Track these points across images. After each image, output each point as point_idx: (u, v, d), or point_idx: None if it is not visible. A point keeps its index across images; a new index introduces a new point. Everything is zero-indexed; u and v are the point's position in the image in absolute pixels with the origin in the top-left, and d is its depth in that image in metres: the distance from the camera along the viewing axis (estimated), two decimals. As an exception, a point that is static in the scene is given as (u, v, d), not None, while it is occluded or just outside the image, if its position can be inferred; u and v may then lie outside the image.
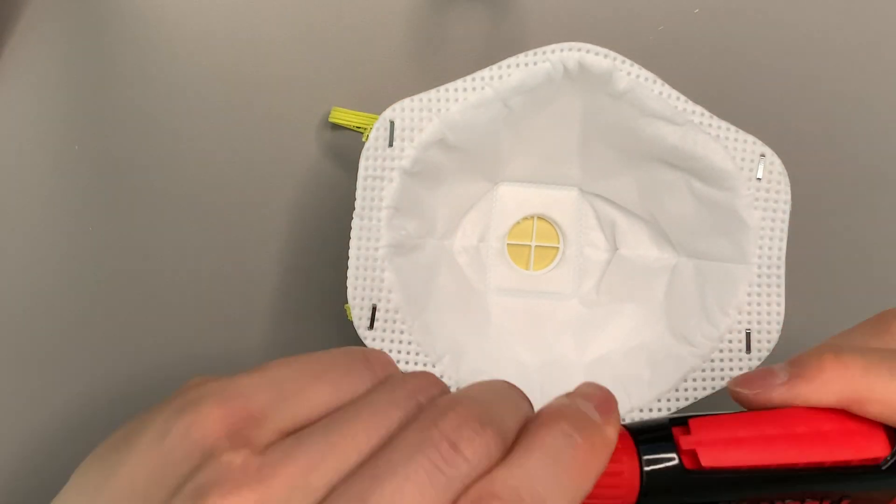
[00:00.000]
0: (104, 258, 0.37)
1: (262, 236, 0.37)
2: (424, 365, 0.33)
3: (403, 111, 0.31)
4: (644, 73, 0.32)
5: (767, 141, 0.38)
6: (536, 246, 0.38)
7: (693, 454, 0.22)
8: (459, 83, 0.32)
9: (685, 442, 0.22)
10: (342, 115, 0.34)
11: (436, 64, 0.36)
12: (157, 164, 0.36)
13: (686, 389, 0.34)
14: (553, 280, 0.38)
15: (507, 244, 0.37)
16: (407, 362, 0.32)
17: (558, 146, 0.35)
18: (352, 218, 0.32)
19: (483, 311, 0.37)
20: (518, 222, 0.37)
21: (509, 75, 0.31)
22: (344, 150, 0.36)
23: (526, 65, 0.31)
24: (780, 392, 0.23)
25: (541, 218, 0.37)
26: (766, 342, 0.33)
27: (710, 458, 0.22)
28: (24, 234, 0.36)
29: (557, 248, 0.38)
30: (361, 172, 0.31)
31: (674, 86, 0.37)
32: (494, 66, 0.31)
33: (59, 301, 0.37)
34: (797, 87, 0.38)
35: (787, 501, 0.22)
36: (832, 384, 0.22)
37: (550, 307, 0.38)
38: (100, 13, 0.33)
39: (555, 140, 0.35)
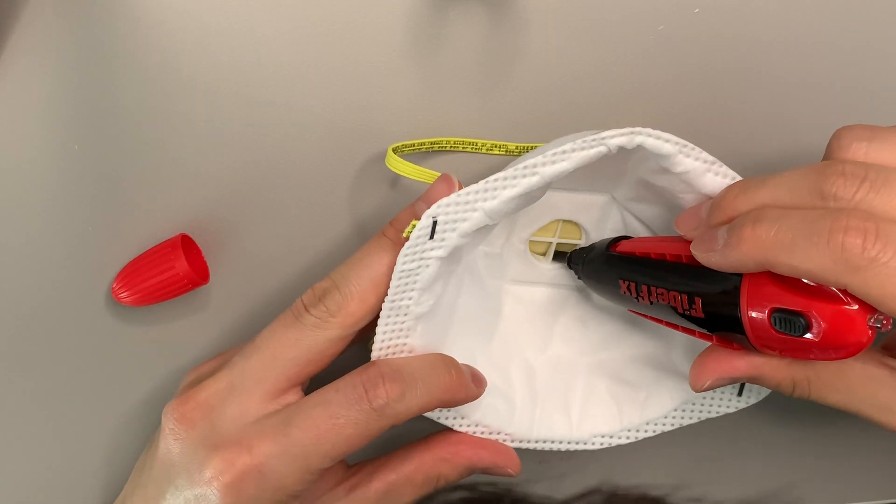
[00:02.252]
0: (104, 258, 0.37)
1: (265, 236, 0.37)
2: None
3: (448, 206, 0.30)
4: (705, 156, 0.30)
5: (767, 141, 0.38)
6: (558, 241, 0.38)
7: (616, 247, 0.34)
8: (510, 172, 0.30)
9: (619, 244, 0.34)
10: (399, 165, 0.33)
11: (436, 64, 0.35)
12: (158, 163, 0.35)
13: (675, 417, 0.37)
14: (571, 272, 0.38)
15: (529, 240, 0.38)
16: None
17: (596, 179, 0.35)
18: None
19: (495, 309, 0.38)
20: (544, 225, 0.37)
21: (563, 161, 0.30)
22: (343, 149, 0.36)
23: (582, 149, 0.29)
24: (715, 258, 0.28)
25: (566, 220, 0.37)
26: (756, 390, 0.36)
27: (623, 246, 0.34)
28: (24, 234, 0.36)
29: (578, 244, 0.38)
30: (399, 266, 0.31)
31: (673, 85, 0.37)
32: (548, 153, 0.29)
33: (58, 301, 0.37)
34: (798, 87, 0.38)
35: (660, 289, 0.31)
36: (749, 255, 0.26)
37: (561, 299, 0.39)
38: (100, 13, 0.33)
39: (594, 177, 0.35)
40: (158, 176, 0.36)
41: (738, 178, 0.31)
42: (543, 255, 0.38)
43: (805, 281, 0.26)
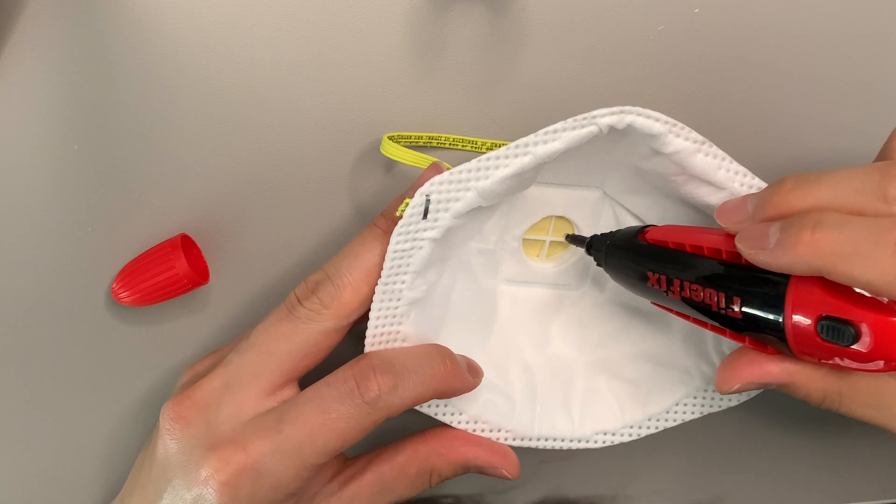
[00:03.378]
0: (104, 258, 0.37)
1: (264, 236, 0.37)
2: None
3: (441, 185, 0.30)
4: (694, 135, 0.31)
5: (767, 140, 0.38)
6: (551, 241, 0.38)
7: (645, 236, 0.33)
8: (502, 151, 0.30)
9: (648, 232, 0.33)
10: (394, 151, 0.33)
11: (436, 64, 0.35)
12: (157, 163, 0.35)
13: (676, 412, 0.36)
14: (564, 273, 0.38)
15: (523, 238, 0.38)
16: None
17: (588, 171, 0.35)
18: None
19: (491, 309, 0.38)
20: (537, 222, 0.37)
21: (554, 140, 0.30)
22: (343, 150, 0.36)
23: (573, 129, 0.30)
24: (764, 256, 0.26)
25: (559, 217, 0.37)
26: None
27: (652, 235, 0.32)
28: (24, 234, 0.36)
29: None
30: (392, 246, 0.31)
31: (673, 85, 0.37)
32: (540, 133, 0.30)
33: (58, 302, 0.37)
34: (799, 86, 0.38)
35: (695, 285, 0.29)
36: (805, 259, 0.25)
37: (557, 299, 0.39)
38: (100, 13, 0.33)
39: (586, 168, 0.35)
40: (158, 176, 0.36)
41: (728, 158, 0.31)
42: (537, 255, 0.38)
43: (857, 290, 0.25)
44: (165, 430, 0.32)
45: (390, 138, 0.34)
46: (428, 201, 0.30)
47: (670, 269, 0.31)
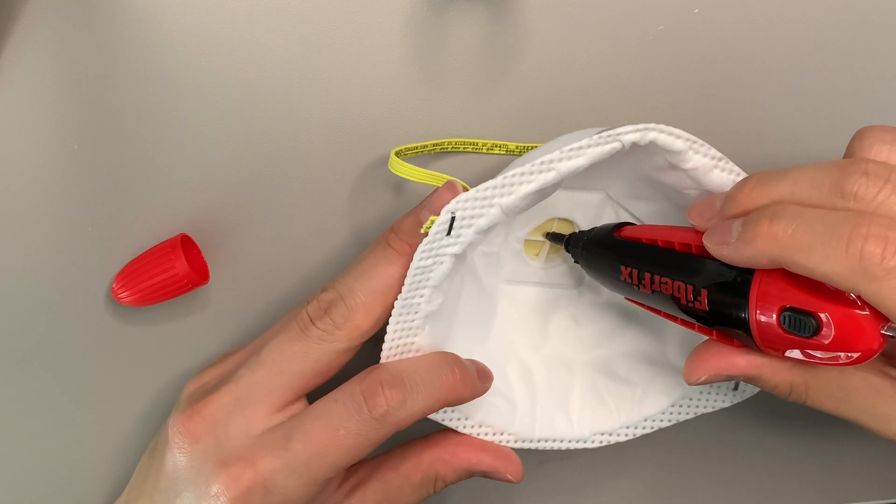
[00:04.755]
0: (104, 258, 0.37)
1: (265, 236, 0.37)
2: None
3: (467, 202, 0.30)
4: (713, 152, 0.31)
5: (766, 140, 0.38)
6: (552, 243, 0.38)
7: (620, 232, 0.34)
8: (526, 168, 0.30)
9: (623, 229, 0.34)
10: (402, 169, 0.33)
11: (436, 64, 0.35)
12: (157, 163, 0.35)
13: (671, 413, 0.37)
14: (563, 272, 0.38)
15: (525, 240, 0.38)
16: None
17: (594, 176, 0.35)
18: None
19: (492, 309, 0.38)
20: (540, 224, 0.37)
21: (578, 156, 0.30)
22: (342, 149, 0.36)
23: (597, 145, 0.30)
24: (727, 251, 0.27)
25: (562, 219, 0.38)
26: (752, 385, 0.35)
27: (627, 232, 0.33)
28: (24, 234, 0.36)
29: None
30: (415, 262, 0.31)
31: (673, 85, 0.37)
32: (565, 149, 0.30)
33: (58, 302, 0.37)
34: (798, 87, 0.38)
35: (664, 278, 0.30)
36: (764, 251, 0.25)
37: (555, 298, 0.39)
38: (100, 13, 0.33)
39: (593, 173, 0.35)
40: (158, 176, 0.36)
41: (743, 174, 0.31)
42: (537, 254, 0.38)
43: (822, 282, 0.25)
44: (175, 443, 0.32)
45: (397, 154, 0.34)
46: (453, 218, 0.30)
47: (642, 263, 0.31)
